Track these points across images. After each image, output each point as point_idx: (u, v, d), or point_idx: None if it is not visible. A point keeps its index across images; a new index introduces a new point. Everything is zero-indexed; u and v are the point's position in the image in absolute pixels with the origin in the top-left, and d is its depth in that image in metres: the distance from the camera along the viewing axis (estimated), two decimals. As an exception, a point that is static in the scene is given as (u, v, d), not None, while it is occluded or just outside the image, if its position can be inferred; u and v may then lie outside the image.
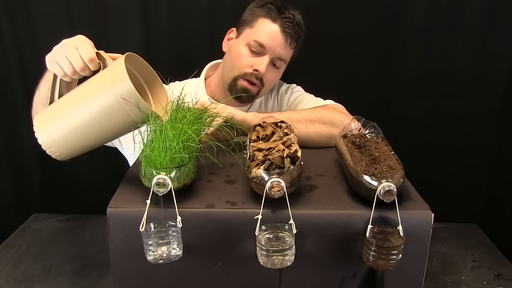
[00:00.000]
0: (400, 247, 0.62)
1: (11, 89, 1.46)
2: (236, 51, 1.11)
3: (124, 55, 0.74)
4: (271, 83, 1.15)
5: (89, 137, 0.75)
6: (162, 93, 0.83)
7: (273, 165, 0.68)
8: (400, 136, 1.45)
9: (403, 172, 0.69)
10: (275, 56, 1.08)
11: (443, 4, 1.36)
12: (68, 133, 0.74)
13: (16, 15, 1.39)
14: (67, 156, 0.78)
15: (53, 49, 0.82)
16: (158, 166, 0.67)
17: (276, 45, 1.07)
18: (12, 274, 1.06)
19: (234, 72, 1.10)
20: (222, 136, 0.85)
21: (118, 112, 0.71)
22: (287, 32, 1.07)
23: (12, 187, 1.57)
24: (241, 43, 1.10)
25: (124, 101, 0.70)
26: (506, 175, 1.49)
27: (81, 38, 0.81)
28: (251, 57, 1.08)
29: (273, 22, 1.07)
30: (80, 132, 0.74)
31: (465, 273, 1.10)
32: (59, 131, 0.75)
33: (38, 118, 0.77)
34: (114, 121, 0.72)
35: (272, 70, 1.11)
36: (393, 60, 1.43)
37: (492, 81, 1.43)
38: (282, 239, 0.65)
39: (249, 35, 1.09)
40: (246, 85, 1.10)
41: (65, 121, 0.75)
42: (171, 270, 0.69)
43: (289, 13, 1.08)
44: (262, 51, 1.08)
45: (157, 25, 1.40)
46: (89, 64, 0.78)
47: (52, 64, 0.81)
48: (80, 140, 0.75)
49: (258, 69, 1.07)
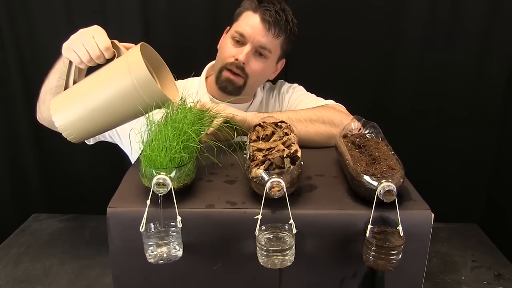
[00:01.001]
0: (400, 247, 0.62)
1: (11, 88, 1.46)
2: (222, 44, 1.15)
3: (139, 44, 0.80)
4: (258, 74, 1.15)
5: (104, 120, 0.81)
6: (171, 82, 0.89)
7: (273, 165, 0.68)
8: (400, 136, 1.45)
9: (403, 172, 0.69)
10: (256, 44, 1.10)
11: (443, 5, 1.36)
12: (85, 116, 0.80)
13: (16, 15, 1.39)
14: (81, 138, 0.84)
15: (70, 38, 0.87)
16: (158, 166, 0.67)
17: (256, 33, 1.09)
18: (12, 274, 1.06)
19: (219, 64, 1.14)
20: (222, 136, 0.85)
21: (133, 97, 0.77)
22: (266, 20, 1.08)
23: (12, 186, 1.56)
24: (228, 37, 1.14)
25: (140, 86, 0.75)
26: (506, 175, 1.49)
27: (97, 28, 0.87)
28: (233, 48, 1.11)
29: (254, 13, 1.10)
30: (97, 116, 0.80)
31: (465, 273, 1.10)
32: (76, 114, 0.80)
33: (55, 102, 0.83)
34: (129, 105, 0.78)
35: (257, 59, 1.12)
36: (393, 60, 1.43)
37: (492, 81, 1.43)
38: (282, 239, 0.65)
39: (233, 28, 1.13)
40: (229, 75, 1.12)
41: (82, 104, 0.80)
42: (171, 270, 0.70)
43: (269, 2, 1.10)
44: (243, 41, 1.10)
45: (157, 24, 1.40)
46: (105, 53, 0.84)
47: (69, 52, 0.87)
48: (96, 123, 0.81)
49: (237, 57, 1.09)
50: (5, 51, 1.42)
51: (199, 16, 1.40)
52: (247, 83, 1.13)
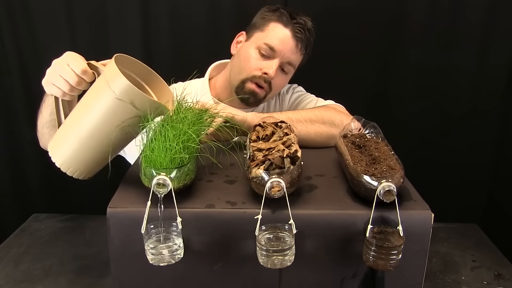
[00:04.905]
0: (400, 247, 0.62)
1: (11, 88, 1.46)
2: (245, 53, 1.10)
3: (113, 56, 0.73)
4: (279, 88, 1.15)
5: (101, 145, 0.73)
6: (164, 88, 0.82)
7: (273, 165, 0.68)
8: (400, 136, 1.45)
9: (403, 172, 0.69)
10: (284, 60, 1.08)
11: (443, 5, 1.36)
12: (80, 147, 0.73)
13: (16, 15, 1.39)
14: (89, 172, 0.77)
15: (46, 73, 0.82)
16: (158, 167, 0.67)
17: (286, 49, 1.07)
18: (12, 274, 1.06)
19: (242, 75, 1.10)
20: (222, 136, 0.85)
21: (122, 110, 0.69)
22: (298, 37, 1.07)
23: (12, 187, 1.56)
24: (251, 46, 1.10)
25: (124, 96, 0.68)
26: (506, 175, 1.49)
27: (70, 54, 0.81)
28: (260, 60, 1.08)
29: (285, 27, 1.07)
30: (91, 142, 0.72)
31: (465, 273, 1.10)
32: (71, 148, 0.74)
33: (51, 144, 0.76)
34: (122, 120, 0.71)
35: (281, 74, 1.11)
36: (393, 60, 1.43)
37: (493, 79, 1.43)
38: (282, 239, 0.65)
39: (259, 39, 1.09)
40: (254, 88, 1.09)
41: (74, 136, 0.73)
42: (171, 270, 0.69)
43: (300, 18, 1.08)
44: (272, 55, 1.07)
45: (158, 24, 1.40)
46: (84, 76, 0.78)
47: (50, 87, 0.82)
48: (93, 151, 0.74)
49: (267, 72, 1.07)
50: (5, 51, 1.42)
51: (200, 16, 1.39)
52: (267, 96, 1.13)
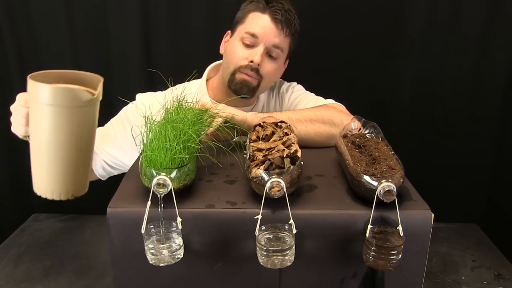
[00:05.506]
0: (400, 247, 0.62)
1: (11, 89, 1.46)
2: (231, 48, 1.12)
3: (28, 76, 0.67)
4: (271, 75, 1.14)
5: (65, 155, 0.68)
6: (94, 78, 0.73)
7: (273, 165, 0.68)
8: (400, 136, 1.45)
9: (403, 172, 0.69)
10: (269, 44, 1.08)
11: (443, 6, 1.37)
12: (48, 167, 0.69)
13: (16, 15, 1.39)
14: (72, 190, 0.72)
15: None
16: (158, 167, 0.67)
17: (268, 33, 1.07)
18: (12, 274, 1.06)
19: (230, 68, 1.11)
20: (222, 137, 0.85)
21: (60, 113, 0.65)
22: (277, 19, 1.07)
23: (12, 187, 1.56)
24: (235, 40, 1.11)
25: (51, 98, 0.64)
26: (506, 175, 1.49)
27: (18, 96, 0.84)
28: (245, 50, 1.09)
29: (263, 13, 1.08)
30: (53, 157, 0.68)
31: (465, 273, 1.10)
32: (42, 173, 0.70)
33: (33, 184, 0.73)
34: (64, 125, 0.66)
35: (270, 61, 1.11)
36: (393, 61, 1.43)
37: (492, 83, 1.43)
38: (282, 239, 0.65)
39: (241, 30, 1.10)
40: (244, 77, 1.09)
41: (38, 162, 0.70)
42: (171, 270, 0.69)
43: (277, 2, 1.09)
44: (255, 42, 1.08)
45: (157, 24, 1.40)
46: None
47: (16, 132, 0.85)
48: (61, 165, 0.69)
49: (253, 59, 1.07)
50: (5, 51, 1.42)
51: (199, 16, 1.40)
52: (260, 85, 1.12)
